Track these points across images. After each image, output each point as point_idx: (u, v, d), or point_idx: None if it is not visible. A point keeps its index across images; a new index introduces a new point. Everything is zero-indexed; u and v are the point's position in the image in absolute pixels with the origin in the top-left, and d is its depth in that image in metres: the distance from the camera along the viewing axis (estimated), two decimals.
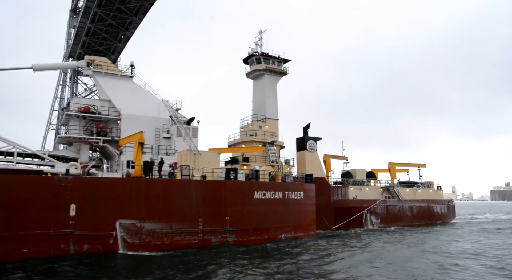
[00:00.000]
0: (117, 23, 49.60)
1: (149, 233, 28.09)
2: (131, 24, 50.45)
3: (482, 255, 27.23)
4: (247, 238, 32.35)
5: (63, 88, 59.67)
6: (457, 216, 76.09)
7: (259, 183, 34.39)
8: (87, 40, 53.69)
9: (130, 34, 53.19)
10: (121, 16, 48.28)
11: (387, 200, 49.45)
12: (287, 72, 50.51)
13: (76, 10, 57.07)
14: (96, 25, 49.64)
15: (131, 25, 50.93)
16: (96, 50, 56.77)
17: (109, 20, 48.47)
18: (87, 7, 46.99)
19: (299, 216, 37.05)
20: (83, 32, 51.80)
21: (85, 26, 50.11)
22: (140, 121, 38.65)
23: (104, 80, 39.54)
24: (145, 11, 48.23)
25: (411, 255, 27.34)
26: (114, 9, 46.75)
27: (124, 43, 56.23)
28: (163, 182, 29.80)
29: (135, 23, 50.45)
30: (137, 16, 48.66)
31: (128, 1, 45.48)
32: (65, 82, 59.54)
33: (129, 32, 52.69)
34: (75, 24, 54.14)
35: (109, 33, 52.23)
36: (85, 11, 47.89)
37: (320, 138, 48.60)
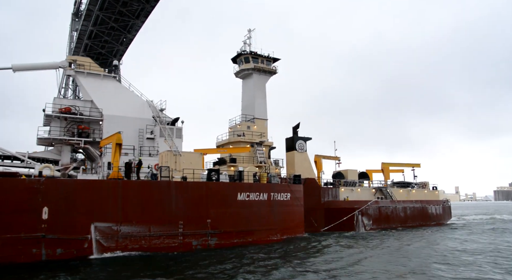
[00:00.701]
0: (119, 26, 50.08)
1: (126, 236, 27.52)
2: (133, 26, 51.01)
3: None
4: (230, 241, 31.75)
5: (65, 91, 60.38)
6: (461, 216, 75.34)
7: (242, 184, 33.78)
8: (89, 43, 54.46)
9: (132, 36, 53.85)
10: (123, 19, 48.65)
11: (379, 201, 48.75)
12: (277, 71, 49.97)
13: (78, 13, 57.59)
14: (98, 28, 50.07)
15: (133, 28, 51.50)
16: (99, 53, 58.16)
17: (111, 23, 48.90)
18: (89, 10, 47.49)
19: (286, 218, 36.41)
20: (85, 35, 52.48)
21: (87, 29, 50.61)
22: (123, 122, 38.13)
23: (86, 80, 39.05)
24: (147, 14, 48.70)
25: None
26: (116, 12, 47.12)
27: (126, 46, 57.11)
28: (141, 184, 29.24)
29: (137, 26, 51.00)
30: (138, 19, 49.18)
31: (130, 4, 45.90)
32: (68, 85, 60.38)
33: (131, 35, 53.31)
34: (78, 27, 55.01)
35: (111, 36, 52.74)
36: (87, 14, 48.42)
37: (310, 138, 48.01)
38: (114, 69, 64.48)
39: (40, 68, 38.70)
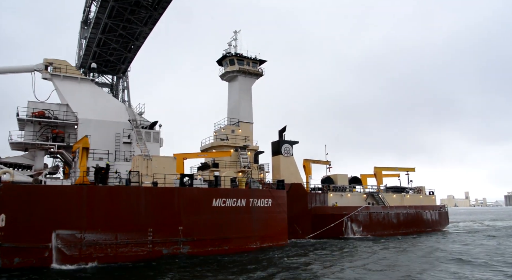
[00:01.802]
0: (127, 33, 50.84)
1: (91, 244, 26.61)
2: (141, 34, 51.67)
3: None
4: (204, 249, 30.68)
5: None
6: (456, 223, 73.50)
7: (218, 190, 32.78)
8: (98, 51, 55.17)
9: (140, 44, 54.40)
10: (131, 27, 49.47)
11: (370, 207, 47.41)
12: (263, 74, 49.11)
13: (87, 21, 58.33)
14: (107, 35, 50.95)
15: (140, 35, 52.13)
16: (107, 60, 58.88)
17: (119, 30, 49.65)
18: (98, 18, 48.11)
19: (266, 225, 35.27)
20: (94, 43, 53.21)
21: (96, 37, 51.44)
22: (99, 126, 37.44)
23: (62, 83, 38.44)
24: (155, 21, 49.34)
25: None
26: (124, 20, 47.95)
27: (134, 53, 57.61)
28: (108, 189, 28.36)
29: (144, 33, 51.65)
30: (146, 26, 49.70)
31: (138, 11, 46.63)
32: None
33: (139, 42, 53.88)
34: (86, 35, 55.78)
35: (119, 44, 53.54)
36: (96, 22, 49.16)
37: (297, 142, 46.92)
38: (122, 76, 65.11)
39: (15, 72, 38.18)
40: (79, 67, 61.50)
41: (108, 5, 45.30)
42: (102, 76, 65.59)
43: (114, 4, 45.04)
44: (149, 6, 46.70)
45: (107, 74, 65.38)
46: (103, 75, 65.60)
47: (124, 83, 66.82)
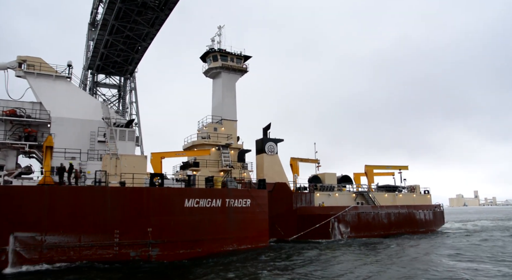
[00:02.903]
0: (134, 34, 51.64)
1: (52, 246, 25.85)
2: (148, 35, 52.35)
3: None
4: (175, 251, 29.78)
5: None
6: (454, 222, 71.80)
7: (191, 190, 31.85)
8: (105, 52, 56.25)
9: (147, 45, 55.10)
10: (138, 28, 50.20)
11: (359, 207, 46.20)
12: (247, 70, 48.11)
13: (95, 23, 59.56)
14: (114, 37, 51.83)
15: (147, 36, 52.81)
16: (114, 62, 60.05)
17: (126, 32, 50.43)
18: (105, 19, 48.86)
19: (244, 226, 34.28)
20: (101, 45, 54.15)
21: (103, 38, 52.39)
22: (72, 125, 36.64)
23: (36, 81, 37.68)
24: (161, 22, 49.74)
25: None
26: (131, 21, 48.65)
27: (141, 54, 58.42)
28: (71, 190, 27.59)
29: (151, 34, 52.28)
30: (153, 27, 50.31)
31: (145, 13, 47.24)
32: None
33: (146, 43, 54.60)
34: (94, 37, 56.81)
35: (126, 45, 54.37)
36: (103, 24, 50.00)
37: (282, 140, 45.82)
38: (129, 77, 65.40)
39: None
40: (87, 68, 62.48)
41: (115, 7, 45.98)
42: (110, 77, 66.30)
43: (121, 5, 45.67)
44: (156, 7, 47.17)
45: (115, 75, 66.15)
46: (111, 77, 66.33)
47: (131, 84, 67.38)
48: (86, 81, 63.44)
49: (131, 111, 67.38)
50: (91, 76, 63.97)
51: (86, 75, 63.70)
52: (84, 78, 63.69)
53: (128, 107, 67.24)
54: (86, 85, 63.61)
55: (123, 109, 66.61)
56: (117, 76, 66.40)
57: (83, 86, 62.87)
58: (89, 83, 63.83)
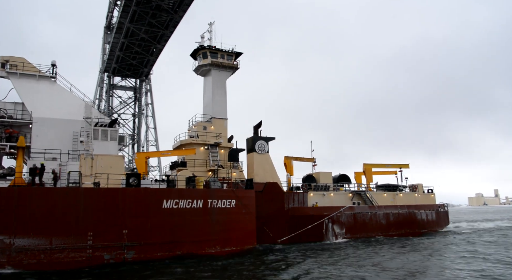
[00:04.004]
0: (149, 37, 53.06)
1: (22, 250, 25.34)
2: (163, 37, 53.61)
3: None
4: (153, 254, 29.06)
5: (99, 102, 64.36)
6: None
7: (169, 190, 31.06)
8: (121, 55, 57.87)
9: (161, 47, 56.30)
10: (152, 30, 51.64)
11: (355, 207, 44.78)
12: (238, 67, 47.12)
13: (110, 26, 61.26)
14: (129, 40, 53.35)
15: (162, 38, 54.07)
16: (130, 64, 61.65)
17: (141, 34, 51.91)
18: (121, 23, 50.21)
19: (228, 227, 33.33)
20: (117, 47, 55.75)
21: (119, 41, 53.91)
22: (54, 125, 36.38)
23: (19, 81, 37.54)
24: (175, 24, 50.85)
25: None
26: (146, 24, 50.08)
27: (156, 56, 59.88)
28: (42, 191, 27.04)
29: (166, 36, 53.49)
30: (168, 29, 51.59)
31: (159, 15, 48.36)
32: (101, 96, 64.57)
33: (161, 45, 55.81)
34: (110, 40, 58.32)
35: (141, 47, 55.89)
36: (119, 27, 51.38)
37: (273, 138, 44.69)
38: (145, 78, 66.30)
39: None
40: (103, 71, 63.64)
41: (130, 10, 46.94)
42: (126, 79, 67.47)
43: (136, 8, 46.57)
44: (170, 9, 47.93)
45: (130, 77, 67.34)
46: (126, 79, 67.55)
47: (147, 86, 68.30)
48: (102, 84, 64.85)
49: (147, 113, 68.20)
50: (108, 79, 65.42)
51: (102, 78, 65.16)
52: (101, 81, 65.07)
53: (144, 109, 68.01)
54: (103, 88, 65.39)
55: (139, 111, 67.64)
56: (132, 79, 67.78)
57: (100, 89, 64.92)
58: (105, 85, 65.65)
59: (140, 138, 66.65)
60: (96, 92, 65.29)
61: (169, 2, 46.98)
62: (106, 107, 65.35)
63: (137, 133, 67.01)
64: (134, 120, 67.91)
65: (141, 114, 67.98)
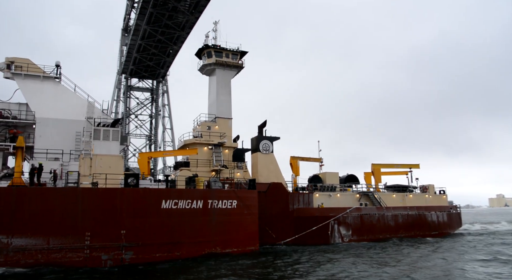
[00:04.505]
0: (165, 38, 53.95)
1: (19, 249, 25.50)
2: (179, 38, 54.46)
3: None
4: (151, 255, 28.89)
5: (117, 103, 65.93)
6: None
7: (168, 191, 30.87)
8: (138, 56, 59.08)
9: (178, 48, 57.10)
10: (169, 32, 52.45)
11: (362, 208, 43.87)
12: (243, 66, 46.75)
13: (128, 28, 62.69)
14: (146, 41, 54.51)
15: (178, 40, 54.90)
16: (147, 65, 62.73)
17: (158, 36, 52.84)
18: (138, 25, 51.25)
19: (229, 228, 32.97)
20: (134, 49, 56.82)
21: (136, 43, 55.04)
22: (58, 125, 36.66)
23: (24, 82, 37.95)
24: (192, 25, 51.53)
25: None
26: (162, 25, 51.06)
27: (172, 57, 60.80)
28: (40, 191, 27.16)
29: (182, 38, 54.35)
30: (184, 31, 52.31)
31: (175, 16, 49.21)
32: (119, 97, 66.10)
33: (177, 46, 56.61)
34: (127, 42, 59.76)
35: (158, 49, 56.87)
36: (136, 29, 52.52)
37: (278, 138, 44.14)
38: (161, 79, 67.37)
39: None
40: (121, 73, 64.88)
41: (147, 12, 47.81)
42: (143, 81, 68.66)
43: (153, 10, 47.35)
44: (186, 11, 48.53)
45: (147, 79, 68.43)
46: (144, 80, 68.76)
47: (163, 87, 69.25)
48: (120, 85, 65.91)
49: (163, 113, 68.94)
50: (125, 81, 66.53)
51: (120, 80, 66.32)
52: (118, 83, 66.15)
53: (161, 110, 68.79)
54: (120, 89, 66.64)
55: (156, 112, 68.58)
56: (149, 80, 68.94)
57: (117, 90, 66.28)
58: (123, 87, 66.86)
59: (157, 139, 67.49)
60: (114, 93, 66.59)
61: (185, 3, 47.56)
62: (124, 108, 66.61)
63: (154, 134, 67.87)
64: (151, 121, 68.97)
65: (158, 115, 69.02)
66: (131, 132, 66.22)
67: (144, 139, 67.66)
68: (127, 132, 65.97)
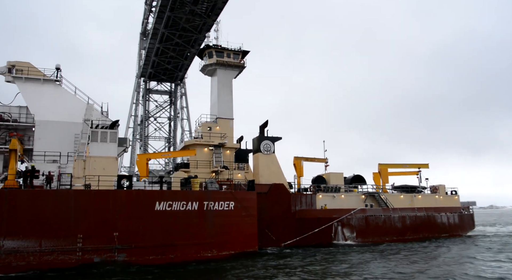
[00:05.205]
0: (183, 41, 54.72)
1: (11, 252, 25.56)
2: (196, 41, 55.01)
3: None
4: (144, 257, 28.66)
5: (136, 106, 67.36)
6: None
7: (162, 192, 30.61)
8: (156, 60, 60.13)
9: (195, 50, 57.11)
10: (186, 35, 53.22)
11: (367, 209, 42.78)
12: (245, 65, 46.28)
13: (146, 32, 63.82)
14: (164, 45, 55.46)
15: (196, 42, 55.44)
16: (165, 69, 63.86)
17: (175, 39, 53.80)
18: (156, 28, 52.42)
19: (226, 230, 32.50)
20: (152, 53, 58.05)
21: (154, 46, 56.17)
22: (57, 128, 36.81)
23: (24, 85, 38.32)
24: (209, 28, 51.98)
25: None
26: (179, 29, 51.81)
27: (190, 60, 61.53)
28: (33, 193, 27.25)
29: (199, 40, 54.70)
30: (201, 33, 52.73)
31: (193, 20, 49.83)
32: (138, 100, 67.53)
33: (195, 49, 56.91)
34: (145, 46, 61.01)
35: (176, 52, 57.73)
36: (154, 33, 53.80)
37: (280, 138, 43.46)
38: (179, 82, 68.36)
39: None
40: (140, 76, 66.12)
41: (165, 16, 48.69)
42: (161, 84, 69.77)
43: (170, 14, 48.13)
44: (203, 14, 48.94)
45: (166, 82, 69.47)
46: (162, 83, 69.90)
47: (182, 89, 70.15)
48: (139, 88, 66.97)
49: (182, 116, 69.57)
50: (144, 84, 67.61)
51: (139, 83, 67.45)
52: (137, 86, 67.18)
53: (179, 112, 69.48)
54: (139, 93, 67.82)
55: (174, 115, 69.40)
56: (168, 83, 69.98)
57: (137, 94, 67.47)
58: (142, 90, 68.03)
59: (176, 141, 68.19)
60: (133, 97, 67.78)
61: (202, 7, 47.92)
62: (143, 111, 67.82)
63: (172, 137, 68.72)
64: (170, 123, 69.78)
65: (177, 117, 69.82)
66: (150, 135, 67.33)
67: (163, 141, 68.64)
68: (146, 135, 67.03)
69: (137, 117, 66.72)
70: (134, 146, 63.26)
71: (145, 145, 64.88)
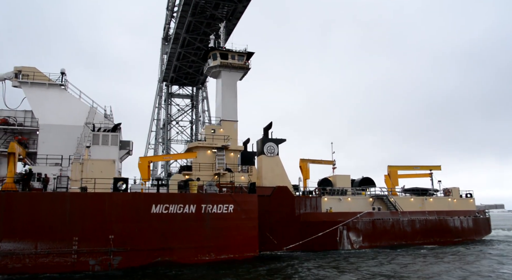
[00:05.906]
0: (204, 45, 54.98)
1: (6, 254, 25.90)
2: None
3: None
4: (141, 260, 28.61)
5: (159, 110, 68.80)
6: None
7: (159, 195, 30.49)
8: (178, 64, 61.39)
9: None
10: (207, 39, 52.81)
11: (374, 213, 41.60)
12: (249, 67, 45.87)
13: (167, 37, 65.40)
14: (185, 49, 56.63)
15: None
16: (187, 73, 64.83)
17: (196, 43, 54.76)
18: (177, 33, 53.61)
19: (225, 234, 32.08)
20: (174, 57, 59.18)
21: (176, 51, 57.37)
22: (60, 131, 37.43)
23: (30, 90, 39.11)
24: (229, 32, 52.55)
25: None
26: (201, 33, 53.02)
27: None
28: (29, 196, 27.55)
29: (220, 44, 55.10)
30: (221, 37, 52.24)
31: (213, 24, 50.71)
32: (160, 104, 69.22)
33: None
34: (167, 51, 62.37)
35: (197, 56, 58.36)
36: (175, 38, 54.95)
37: (284, 140, 42.78)
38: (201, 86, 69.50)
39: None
40: (162, 81, 67.45)
41: (186, 21, 49.77)
42: (183, 88, 70.97)
43: (191, 19, 49.26)
44: (223, 18, 49.63)
45: (187, 86, 70.79)
46: (184, 87, 71.07)
47: (203, 93, 71.11)
48: (161, 93, 68.19)
49: (203, 119, 70.33)
50: (166, 88, 68.68)
51: (161, 87, 68.67)
52: (160, 90, 68.36)
53: (201, 116, 70.25)
54: (162, 97, 69.14)
55: (196, 118, 70.26)
56: (189, 87, 70.98)
57: (159, 98, 68.85)
58: (164, 94, 69.18)
59: None
60: (156, 101, 69.01)
61: (222, 11, 48.79)
62: (165, 115, 68.86)
63: (194, 140, 68.78)
64: (192, 127, 70.40)
65: (198, 121, 70.50)
66: (172, 138, 68.06)
67: (185, 145, 68.42)
68: (169, 138, 67.77)
69: (159, 121, 67.54)
70: (157, 149, 64.21)
71: (167, 148, 65.60)
